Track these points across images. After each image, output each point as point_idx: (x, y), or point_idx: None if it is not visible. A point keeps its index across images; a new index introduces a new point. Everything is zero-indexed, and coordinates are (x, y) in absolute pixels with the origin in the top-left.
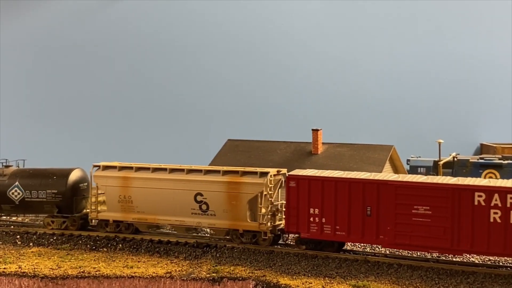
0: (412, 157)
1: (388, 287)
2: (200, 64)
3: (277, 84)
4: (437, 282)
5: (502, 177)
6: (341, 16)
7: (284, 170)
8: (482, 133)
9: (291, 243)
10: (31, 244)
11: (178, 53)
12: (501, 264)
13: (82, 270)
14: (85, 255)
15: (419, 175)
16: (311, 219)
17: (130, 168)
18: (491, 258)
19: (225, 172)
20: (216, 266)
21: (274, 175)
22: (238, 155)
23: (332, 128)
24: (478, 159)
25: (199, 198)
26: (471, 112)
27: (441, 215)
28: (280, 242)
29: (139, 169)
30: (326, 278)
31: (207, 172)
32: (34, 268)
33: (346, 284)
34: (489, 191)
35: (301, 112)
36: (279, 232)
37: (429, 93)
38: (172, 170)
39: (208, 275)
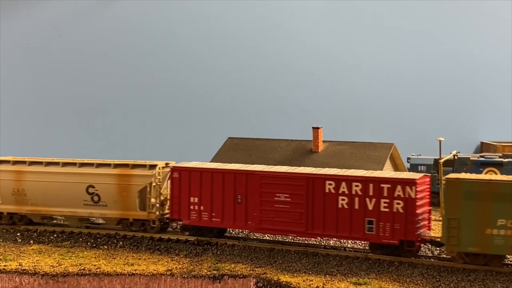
0: (412, 155)
1: (389, 284)
2: (200, 62)
3: (278, 82)
4: (438, 279)
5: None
6: (342, 14)
7: (172, 163)
8: (483, 132)
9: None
10: (31, 241)
11: (178, 51)
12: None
13: (82, 268)
14: (85, 253)
15: (286, 166)
16: (191, 207)
17: (24, 162)
18: None
19: (116, 165)
20: (216, 263)
21: (163, 167)
22: (239, 153)
23: (332, 126)
24: (478, 157)
25: (91, 190)
26: (472, 110)
27: (298, 202)
28: (168, 229)
29: (32, 163)
30: (327, 275)
31: (99, 165)
32: (35, 266)
33: (347, 281)
34: (337, 180)
35: (301, 110)
36: (167, 220)
37: (429, 91)
38: (65, 164)
39: (208, 273)
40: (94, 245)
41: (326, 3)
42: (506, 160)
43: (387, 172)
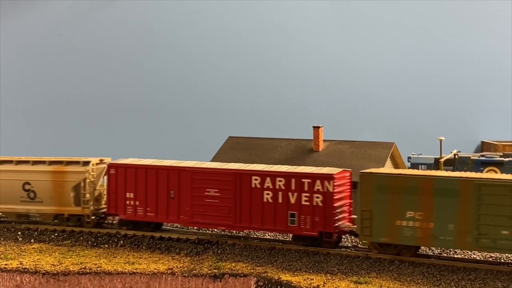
0: (413, 154)
1: (390, 283)
2: (201, 61)
3: (279, 82)
4: (438, 278)
5: None
6: (343, 14)
7: (107, 159)
8: (483, 131)
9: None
10: (32, 240)
11: (179, 50)
12: (502, 261)
13: (83, 266)
14: (86, 252)
15: (216, 163)
16: (127, 202)
17: None
18: (492, 255)
19: (51, 162)
20: (217, 262)
21: (97, 163)
22: (239, 153)
23: (333, 125)
24: (479, 157)
25: (27, 187)
26: (473, 109)
27: (227, 197)
28: (104, 224)
29: None
30: (328, 274)
31: (35, 163)
32: (36, 264)
33: (348, 280)
34: (263, 175)
35: (302, 110)
36: (103, 215)
37: (430, 90)
38: (2, 162)
39: (209, 272)
40: (95, 244)
41: (327, 3)
42: (507, 159)
43: (309, 167)
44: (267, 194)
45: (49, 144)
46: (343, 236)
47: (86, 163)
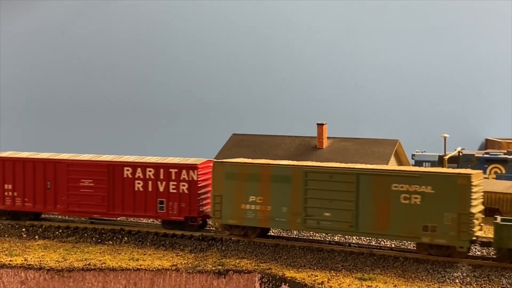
0: (417, 151)
1: (394, 280)
2: (206, 59)
3: (283, 79)
4: (443, 275)
5: (507, 172)
6: (348, 12)
7: None
8: (487, 128)
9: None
10: (36, 237)
11: (184, 49)
12: None
13: (88, 263)
14: (90, 248)
15: (90, 155)
16: (6, 193)
17: None
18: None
19: None
20: (221, 259)
21: None
22: (243, 150)
23: (337, 122)
24: (483, 154)
25: None
26: (477, 107)
27: (100, 186)
28: None
29: None
30: (332, 271)
31: None
32: (40, 261)
33: (352, 277)
34: (134, 166)
35: (306, 107)
36: None
37: (435, 88)
38: None
39: (213, 268)
40: (99, 240)
41: (333, 2)
42: (511, 156)
43: (178, 158)
44: (138, 183)
45: (49, 141)
46: None
47: None
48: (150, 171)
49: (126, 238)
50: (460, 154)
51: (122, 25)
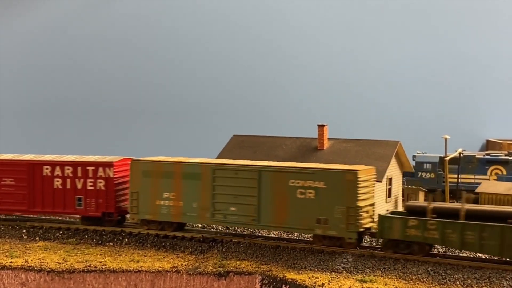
0: (418, 153)
1: (395, 282)
2: (207, 61)
3: (283, 80)
4: (444, 277)
5: (509, 173)
6: (348, 13)
7: None
8: (488, 130)
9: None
10: (37, 238)
11: (185, 51)
12: (508, 260)
13: (88, 264)
14: (91, 249)
15: (12, 154)
16: None
17: None
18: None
19: None
20: (222, 260)
21: None
22: (244, 151)
23: (338, 123)
24: (484, 155)
25: None
26: (477, 108)
27: (21, 185)
28: None
29: None
30: (333, 273)
31: None
32: (41, 262)
33: (353, 279)
34: (53, 165)
35: (307, 108)
36: None
37: (435, 89)
38: None
39: (214, 270)
40: (100, 242)
41: (334, 2)
42: None
43: (96, 157)
44: (57, 181)
45: (51, 141)
46: None
47: None
48: (68, 169)
49: (126, 240)
50: (461, 155)
51: (121, 26)
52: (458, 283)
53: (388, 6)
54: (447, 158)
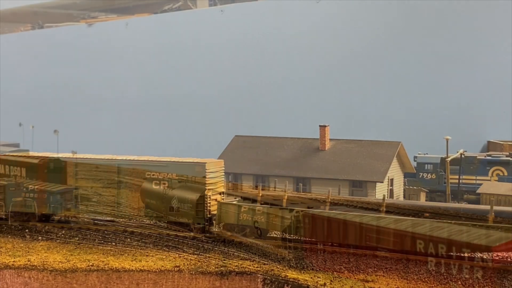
0: (419, 153)
1: (397, 282)
2: (209, 62)
3: (285, 81)
4: (445, 276)
5: (510, 174)
6: (347, 14)
7: None
8: (490, 131)
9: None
10: (39, 238)
11: (187, 52)
12: (510, 260)
13: (91, 264)
14: (93, 249)
15: None
16: None
17: None
18: (499, 254)
19: None
20: (224, 260)
21: None
22: (245, 151)
23: (339, 124)
24: (485, 156)
25: None
26: (479, 109)
27: None
28: None
29: None
30: (335, 272)
31: None
32: (43, 262)
33: (355, 278)
34: None
35: (308, 109)
36: None
37: (436, 90)
38: None
39: (216, 269)
40: (102, 241)
41: (334, 3)
42: None
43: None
44: None
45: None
46: None
47: None
48: None
49: (129, 239)
50: (462, 156)
51: (121, 24)
52: (459, 283)
53: (388, 5)
54: (449, 159)
